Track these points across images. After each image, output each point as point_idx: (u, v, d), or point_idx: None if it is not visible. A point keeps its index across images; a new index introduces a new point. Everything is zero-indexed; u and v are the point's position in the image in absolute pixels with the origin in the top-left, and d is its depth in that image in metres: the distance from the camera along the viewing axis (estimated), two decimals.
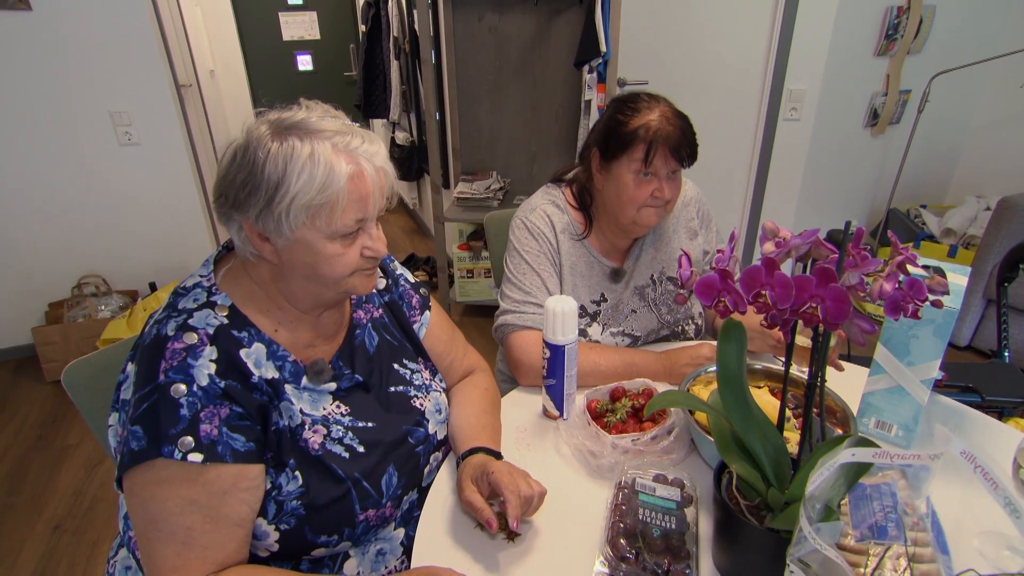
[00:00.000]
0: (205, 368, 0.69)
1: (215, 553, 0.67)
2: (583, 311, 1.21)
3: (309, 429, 0.76)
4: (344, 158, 0.70)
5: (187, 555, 0.66)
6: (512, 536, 0.76)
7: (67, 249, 2.60)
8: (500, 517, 0.74)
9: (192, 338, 0.70)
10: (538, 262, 1.15)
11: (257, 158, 0.68)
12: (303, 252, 0.72)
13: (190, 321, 0.71)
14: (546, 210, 1.18)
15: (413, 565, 0.74)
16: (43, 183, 2.48)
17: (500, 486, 0.74)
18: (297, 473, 0.73)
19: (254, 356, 0.74)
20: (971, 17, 2.71)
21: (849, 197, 2.97)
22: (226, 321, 0.73)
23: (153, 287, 2.73)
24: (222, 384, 0.69)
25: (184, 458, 0.65)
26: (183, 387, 0.67)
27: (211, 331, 0.71)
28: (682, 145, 1.04)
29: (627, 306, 1.23)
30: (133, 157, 2.56)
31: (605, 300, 1.22)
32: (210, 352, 0.70)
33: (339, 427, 0.79)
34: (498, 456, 0.85)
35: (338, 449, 0.77)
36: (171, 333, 0.70)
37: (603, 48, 2.29)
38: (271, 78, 4.98)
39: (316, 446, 0.76)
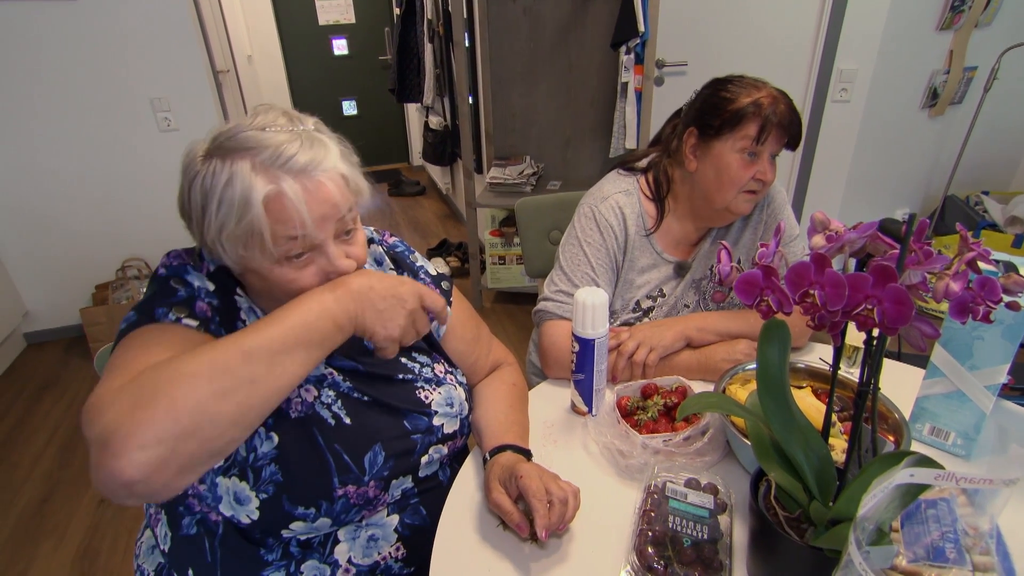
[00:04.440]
0: (200, 282, 0.71)
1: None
2: (637, 306, 1.17)
3: (300, 387, 0.74)
4: (263, 178, 0.62)
5: (133, 366, 0.59)
6: (535, 538, 0.73)
7: (112, 233, 2.69)
8: (531, 520, 0.71)
9: (193, 258, 0.73)
10: (597, 256, 1.10)
11: (184, 185, 0.67)
12: (256, 277, 0.69)
13: (201, 252, 0.73)
14: (618, 200, 1.12)
15: (433, 562, 0.72)
16: (88, 169, 2.56)
17: (528, 493, 0.70)
18: (272, 434, 0.71)
19: (246, 304, 0.74)
20: None
21: (901, 183, 2.80)
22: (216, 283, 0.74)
23: None
24: (214, 300, 0.70)
25: (179, 321, 0.65)
26: (181, 283, 0.69)
27: (212, 268, 0.73)
28: (794, 124, 1.00)
29: (682, 301, 1.18)
30: (172, 143, 2.62)
31: (663, 295, 1.17)
32: (207, 281, 0.71)
33: (331, 392, 0.77)
34: (527, 454, 0.82)
35: (325, 414, 0.75)
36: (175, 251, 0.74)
37: (641, 28, 2.20)
38: (307, 63, 5.03)
39: (301, 406, 0.73)
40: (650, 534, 0.68)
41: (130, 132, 2.55)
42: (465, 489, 0.83)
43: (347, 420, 0.76)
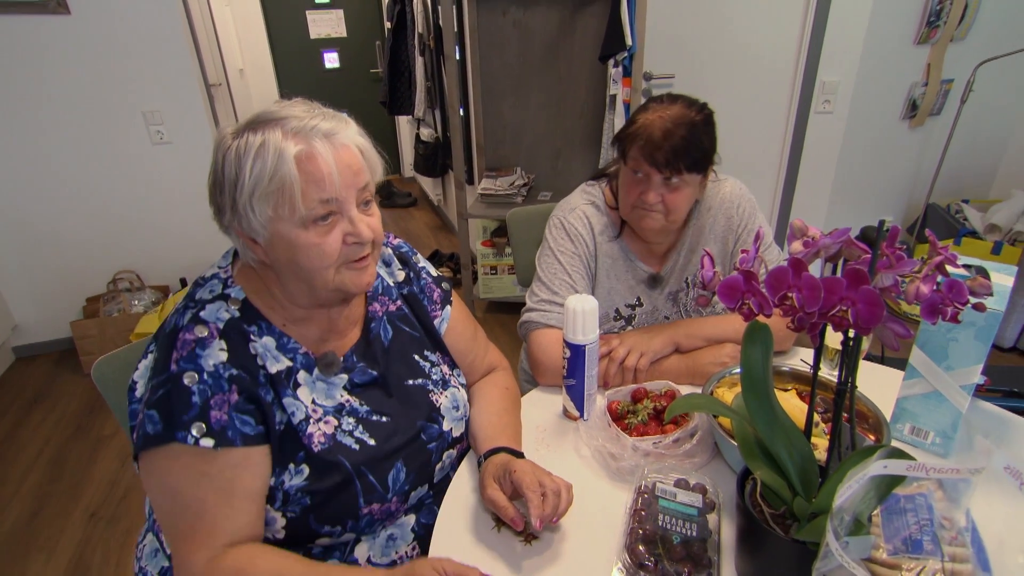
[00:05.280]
0: (213, 358, 0.71)
1: (227, 524, 0.69)
2: (618, 314, 1.19)
3: (319, 422, 0.77)
4: (294, 140, 0.68)
5: (200, 527, 0.68)
6: (529, 538, 0.75)
7: (103, 245, 2.69)
8: (525, 517, 0.73)
9: (202, 331, 0.72)
10: (571, 263, 1.13)
11: (218, 159, 0.70)
12: (282, 247, 0.71)
13: (202, 314, 0.73)
14: (585, 211, 1.16)
15: None
16: (80, 182, 2.56)
17: (522, 485, 0.73)
18: (304, 466, 0.74)
19: (263, 349, 0.75)
20: (1021, 1, 2.57)
21: (884, 192, 2.86)
22: (237, 314, 0.75)
23: (184, 283, 2.80)
24: (229, 373, 0.71)
25: (196, 443, 0.67)
26: (195, 375, 0.69)
27: (221, 325, 0.73)
28: (661, 150, 0.98)
29: (661, 312, 1.21)
30: (165, 156, 2.63)
31: (641, 304, 1.20)
32: (219, 344, 0.72)
33: (351, 419, 0.79)
34: (520, 456, 0.85)
35: (348, 441, 0.78)
36: (184, 324, 0.72)
37: (629, 41, 2.25)
38: (299, 76, 5.05)
39: (323, 439, 0.76)
40: (641, 532, 0.70)
41: (123, 145, 2.56)
42: (461, 492, 0.84)
43: (371, 442, 0.79)
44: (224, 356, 0.71)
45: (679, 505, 0.74)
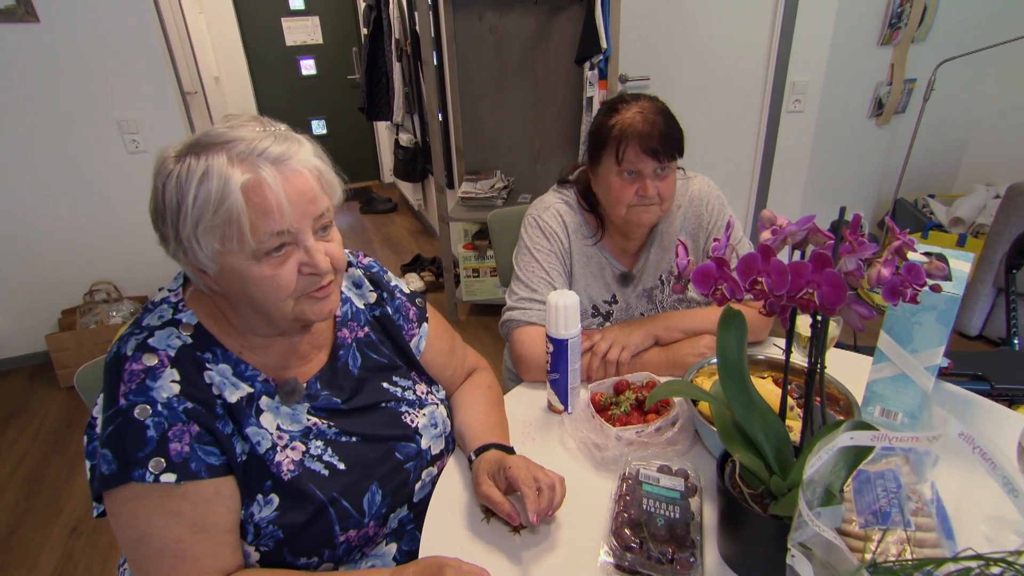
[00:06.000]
0: (165, 391, 0.66)
1: (211, 561, 0.66)
2: (596, 311, 1.22)
3: (286, 448, 0.74)
4: (240, 168, 0.62)
5: (182, 568, 0.65)
6: (519, 528, 0.77)
7: (78, 256, 2.64)
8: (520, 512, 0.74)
9: (152, 360, 0.67)
10: (548, 260, 1.16)
11: (158, 185, 0.65)
12: (234, 279, 0.67)
13: (150, 341, 0.69)
14: (559, 209, 1.19)
15: (421, 556, 0.74)
16: (54, 192, 2.52)
17: (517, 481, 0.74)
18: (273, 496, 0.71)
19: (219, 377, 0.71)
20: (976, 3, 2.68)
21: (855, 188, 2.95)
22: (190, 341, 0.70)
23: None
24: (184, 406, 0.67)
25: (156, 480, 0.63)
26: (148, 407, 0.65)
27: (172, 353, 0.69)
28: (653, 139, 1.02)
29: (635, 309, 1.23)
30: (141, 164, 2.60)
31: (616, 302, 1.22)
32: (171, 374, 0.67)
33: (319, 443, 0.76)
34: (510, 451, 0.86)
35: (317, 466, 0.75)
36: (129, 353, 0.67)
37: (604, 44, 2.29)
38: (275, 83, 5.02)
39: (292, 466, 0.73)
40: (626, 516, 0.72)
41: (98, 154, 2.52)
42: (450, 489, 0.86)
43: (341, 466, 0.77)
44: (177, 388, 0.66)
45: (662, 489, 0.77)
